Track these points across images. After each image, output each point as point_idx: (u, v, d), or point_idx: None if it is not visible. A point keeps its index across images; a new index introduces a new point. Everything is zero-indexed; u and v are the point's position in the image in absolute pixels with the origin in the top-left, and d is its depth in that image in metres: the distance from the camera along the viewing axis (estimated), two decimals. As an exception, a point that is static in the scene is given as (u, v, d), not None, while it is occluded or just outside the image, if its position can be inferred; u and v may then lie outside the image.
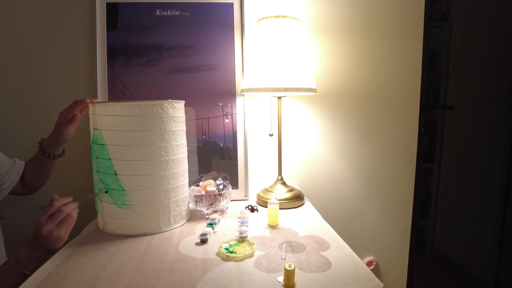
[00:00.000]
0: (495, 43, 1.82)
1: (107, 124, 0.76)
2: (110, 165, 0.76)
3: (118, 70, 1.02)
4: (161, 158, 0.78)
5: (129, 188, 0.76)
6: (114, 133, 0.75)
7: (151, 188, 0.77)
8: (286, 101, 1.12)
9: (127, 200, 0.77)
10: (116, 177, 0.76)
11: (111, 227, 0.79)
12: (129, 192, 0.76)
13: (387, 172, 1.18)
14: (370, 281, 0.57)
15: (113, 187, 0.76)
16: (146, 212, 0.78)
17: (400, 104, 1.16)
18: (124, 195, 0.76)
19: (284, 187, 1.01)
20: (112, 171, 0.76)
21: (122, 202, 0.77)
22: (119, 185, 0.76)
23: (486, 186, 1.87)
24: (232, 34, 1.05)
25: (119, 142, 0.75)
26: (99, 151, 0.77)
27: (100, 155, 0.77)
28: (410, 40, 1.13)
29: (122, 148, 0.75)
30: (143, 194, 0.77)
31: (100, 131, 0.76)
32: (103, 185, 0.78)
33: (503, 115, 1.77)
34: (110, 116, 0.75)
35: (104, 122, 0.76)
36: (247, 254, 0.66)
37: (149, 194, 0.77)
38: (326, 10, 1.10)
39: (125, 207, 0.77)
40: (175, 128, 0.80)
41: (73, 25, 1.03)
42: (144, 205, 0.77)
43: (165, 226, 0.80)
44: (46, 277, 0.59)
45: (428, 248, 2.33)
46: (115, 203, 0.77)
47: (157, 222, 0.79)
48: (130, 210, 0.77)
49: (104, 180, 0.77)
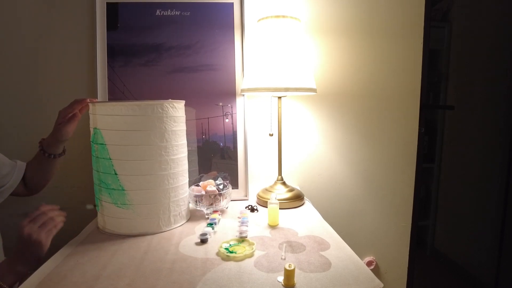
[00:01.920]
0: (495, 43, 1.82)
1: (107, 124, 0.76)
2: (110, 164, 0.76)
3: (118, 70, 1.02)
4: (161, 158, 0.78)
5: (129, 187, 0.76)
6: (114, 133, 0.75)
7: (151, 188, 0.77)
8: (286, 101, 1.12)
9: (127, 200, 0.77)
10: (116, 176, 0.76)
11: (111, 227, 0.79)
12: (129, 192, 0.76)
13: (387, 172, 1.18)
14: (370, 281, 0.57)
15: (113, 186, 0.77)
16: (146, 212, 0.78)
17: (400, 104, 1.16)
18: (124, 195, 0.76)
19: (284, 187, 1.01)
20: (112, 171, 0.76)
21: (122, 202, 0.77)
22: (119, 184, 0.76)
23: (486, 186, 1.87)
24: (232, 34, 1.05)
25: (119, 142, 0.75)
26: (99, 150, 0.77)
27: (100, 154, 0.77)
28: (410, 40, 1.13)
29: (122, 148, 0.75)
30: (143, 194, 0.77)
31: (100, 131, 0.76)
32: (103, 184, 0.78)
33: (503, 115, 1.77)
34: (110, 116, 0.75)
35: (104, 121, 0.76)
36: (247, 254, 0.66)
37: (149, 194, 0.77)
38: (326, 10, 1.10)
39: (125, 207, 0.77)
40: (175, 128, 0.80)
41: (73, 25, 1.03)
42: (144, 205, 0.77)
43: (165, 226, 0.80)
44: (46, 277, 0.59)
45: (428, 248, 2.33)
46: (115, 203, 0.77)
47: (157, 222, 0.79)
48: (130, 210, 0.77)
49: (104, 180, 0.77)
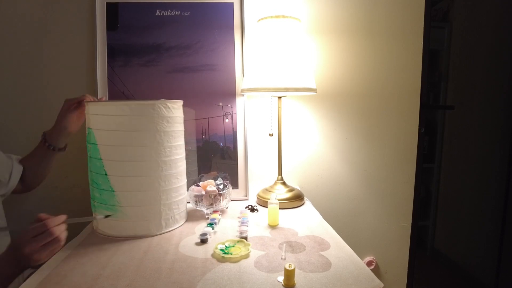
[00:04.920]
0: (495, 43, 1.82)
1: (98, 123, 0.76)
2: (101, 165, 0.75)
3: (118, 70, 1.02)
4: (151, 159, 0.76)
5: (118, 189, 0.75)
6: (105, 133, 0.75)
7: (140, 190, 0.76)
8: (286, 101, 1.12)
9: (116, 201, 0.76)
10: (106, 177, 0.75)
11: (103, 228, 0.79)
12: (118, 193, 0.75)
13: (387, 172, 1.18)
14: (370, 281, 0.57)
15: (104, 187, 0.76)
16: (135, 214, 0.76)
17: (400, 104, 1.15)
18: (113, 196, 0.75)
19: (284, 187, 1.01)
20: (103, 171, 0.75)
21: (111, 203, 0.76)
22: (109, 185, 0.75)
23: (486, 186, 1.87)
24: (232, 34, 1.05)
25: (109, 142, 0.75)
26: (91, 150, 0.77)
27: (92, 154, 0.77)
28: (410, 40, 1.13)
29: (112, 148, 0.75)
30: (132, 196, 0.76)
31: (92, 130, 0.76)
32: (94, 184, 0.77)
33: (503, 115, 1.77)
34: (101, 116, 0.75)
35: (96, 121, 0.76)
36: (243, 255, 0.66)
37: (138, 196, 0.76)
38: (326, 10, 1.10)
39: (113, 209, 0.76)
40: (168, 128, 0.78)
41: (73, 25, 1.03)
42: (133, 207, 0.76)
43: (156, 229, 0.78)
44: (46, 277, 0.59)
45: (428, 248, 2.33)
46: (104, 203, 0.76)
47: (147, 225, 0.77)
48: (119, 211, 0.76)
49: (96, 180, 0.77)
